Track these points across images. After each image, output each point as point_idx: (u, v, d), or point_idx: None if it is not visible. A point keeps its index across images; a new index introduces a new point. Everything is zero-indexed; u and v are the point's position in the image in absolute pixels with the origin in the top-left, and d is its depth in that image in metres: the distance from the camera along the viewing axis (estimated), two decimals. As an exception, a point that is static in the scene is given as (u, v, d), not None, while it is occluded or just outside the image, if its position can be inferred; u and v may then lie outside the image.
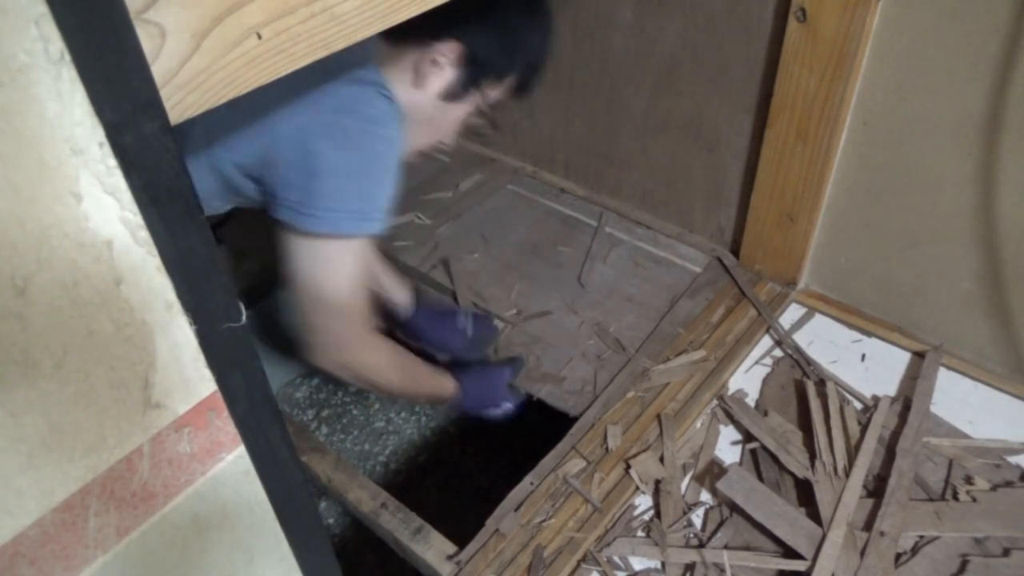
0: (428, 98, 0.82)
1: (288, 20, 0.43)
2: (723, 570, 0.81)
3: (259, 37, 0.41)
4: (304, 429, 1.41)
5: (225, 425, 0.46)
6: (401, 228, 1.36)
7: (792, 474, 0.89)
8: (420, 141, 0.88)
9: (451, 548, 0.88)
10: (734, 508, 0.87)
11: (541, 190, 1.43)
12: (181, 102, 0.38)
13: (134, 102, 0.34)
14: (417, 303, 1.16)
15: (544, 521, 0.88)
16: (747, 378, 1.04)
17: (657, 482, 0.91)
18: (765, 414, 0.97)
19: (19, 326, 0.34)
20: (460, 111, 0.86)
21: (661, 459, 0.93)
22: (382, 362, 0.90)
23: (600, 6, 1.17)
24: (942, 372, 1.03)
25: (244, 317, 0.43)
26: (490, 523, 0.89)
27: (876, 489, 0.87)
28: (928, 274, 1.02)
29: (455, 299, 1.22)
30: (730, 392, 1.02)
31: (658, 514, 0.88)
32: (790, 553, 0.81)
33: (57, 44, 0.31)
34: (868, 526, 0.83)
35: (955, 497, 0.86)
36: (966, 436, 0.94)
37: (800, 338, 1.09)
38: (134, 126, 0.34)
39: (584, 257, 1.27)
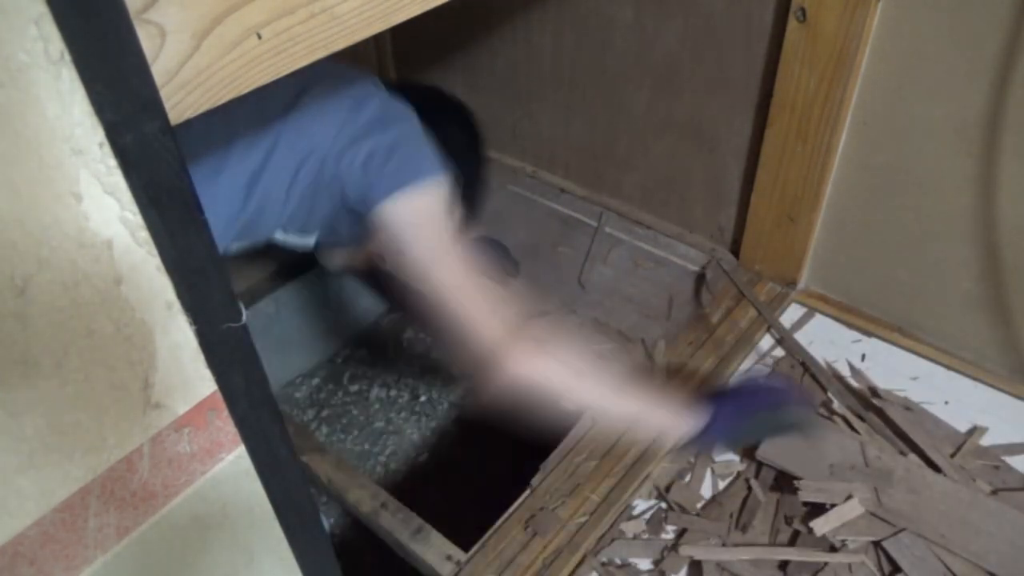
0: None
1: (288, 20, 0.43)
2: (725, 568, 0.81)
3: (259, 37, 0.41)
4: (304, 429, 1.41)
5: (225, 425, 0.46)
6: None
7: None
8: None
9: (451, 548, 0.88)
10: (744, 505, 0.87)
11: (541, 190, 1.43)
12: (181, 102, 0.38)
13: (134, 102, 0.34)
14: None
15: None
16: (747, 378, 1.04)
17: (667, 487, 0.91)
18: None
19: (19, 326, 0.34)
20: None
21: (664, 458, 0.93)
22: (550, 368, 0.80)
23: (600, 6, 1.18)
24: (942, 372, 1.03)
25: (244, 317, 0.43)
26: (491, 527, 0.89)
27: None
28: (928, 274, 1.02)
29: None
30: (730, 392, 1.02)
31: (660, 514, 0.88)
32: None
33: (57, 44, 0.31)
34: (868, 526, 0.83)
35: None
36: (966, 436, 0.94)
37: (800, 338, 1.09)
38: (134, 126, 0.34)
39: (584, 257, 1.27)
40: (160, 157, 0.36)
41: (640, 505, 0.90)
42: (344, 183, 0.85)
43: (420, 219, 0.84)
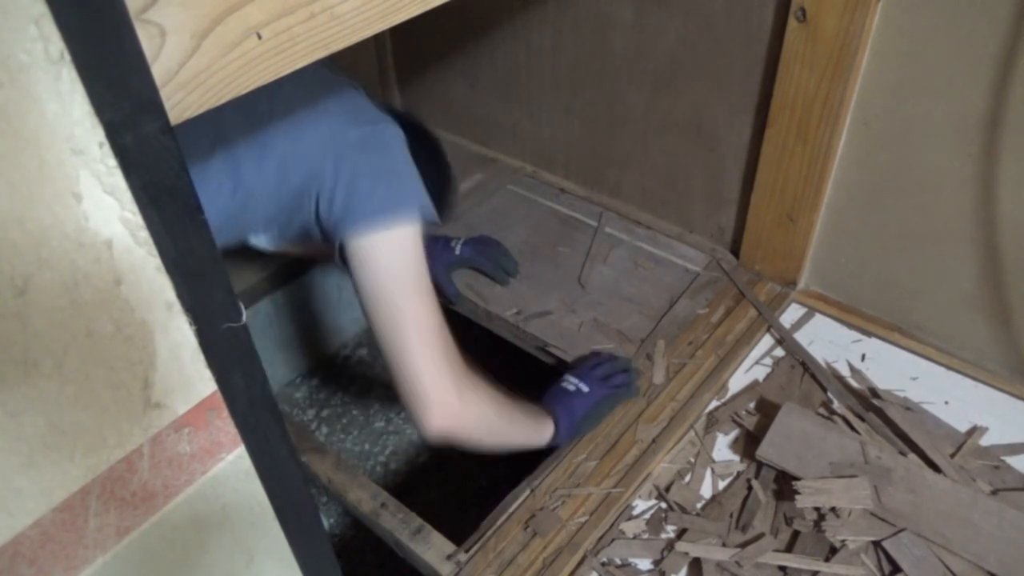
0: None
1: (288, 20, 0.43)
2: (725, 568, 0.81)
3: (259, 37, 0.41)
4: (304, 429, 1.42)
5: (225, 425, 0.46)
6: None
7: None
8: None
9: (451, 548, 0.88)
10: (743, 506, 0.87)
11: (541, 190, 1.43)
12: (181, 102, 0.38)
13: (134, 102, 0.34)
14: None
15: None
16: (747, 378, 1.04)
17: (666, 487, 0.91)
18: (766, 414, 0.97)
19: (19, 326, 0.34)
20: None
21: (664, 458, 0.93)
22: (486, 415, 0.84)
23: (600, 6, 1.18)
24: (942, 372, 1.03)
25: (244, 317, 0.43)
26: (487, 524, 0.89)
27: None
28: (928, 274, 1.02)
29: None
30: (730, 392, 1.02)
31: (660, 514, 0.88)
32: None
33: (57, 44, 0.31)
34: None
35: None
36: (966, 436, 0.94)
37: (800, 338, 1.09)
38: (134, 126, 0.35)
39: (584, 257, 1.27)
40: (160, 157, 0.36)
41: (640, 505, 0.90)
42: (322, 200, 0.81)
43: (395, 258, 0.80)
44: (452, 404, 0.80)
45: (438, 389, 0.79)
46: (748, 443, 0.95)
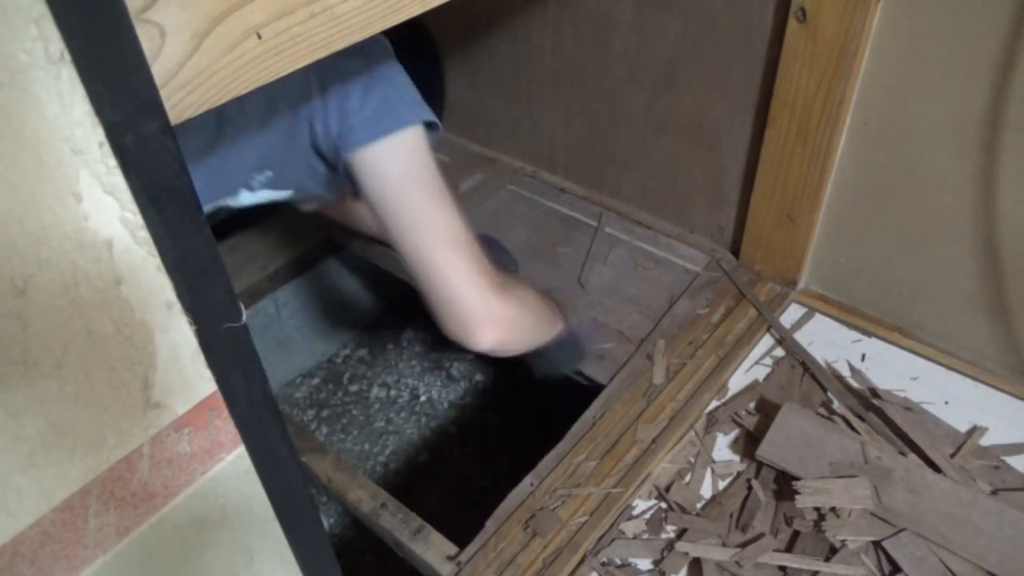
0: None
1: (288, 20, 0.43)
2: (725, 568, 0.81)
3: (259, 37, 0.41)
4: (304, 429, 1.42)
5: (225, 425, 0.46)
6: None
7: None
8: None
9: (451, 548, 0.88)
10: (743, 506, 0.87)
11: (541, 190, 1.43)
12: (181, 102, 0.39)
13: (134, 102, 0.34)
14: None
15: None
16: (747, 378, 1.04)
17: (667, 487, 0.91)
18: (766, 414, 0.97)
19: (19, 326, 0.34)
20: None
21: (664, 458, 0.93)
22: (526, 314, 0.83)
23: (600, 6, 1.18)
24: (942, 372, 1.03)
25: (244, 317, 0.43)
26: (490, 524, 0.89)
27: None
28: (928, 274, 1.02)
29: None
30: (730, 392, 1.02)
31: (660, 514, 0.88)
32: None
33: (57, 44, 0.31)
34: (868, 526, 0.83)
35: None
36: (966, 436, 0.94)
37: (800, 338, 1.09)
38: (134, 126, 0.35)
39: (584, 257, 1.27)
40: (160, 157, 0.36)
41: (640, 505, 0.90)
42: (316, 125, 0.76)
43: (401, 165, 0.76)
44: (499, 313, 0.77)
45: (483, 301, 0.76)
46: (748, 443, 0.95)
